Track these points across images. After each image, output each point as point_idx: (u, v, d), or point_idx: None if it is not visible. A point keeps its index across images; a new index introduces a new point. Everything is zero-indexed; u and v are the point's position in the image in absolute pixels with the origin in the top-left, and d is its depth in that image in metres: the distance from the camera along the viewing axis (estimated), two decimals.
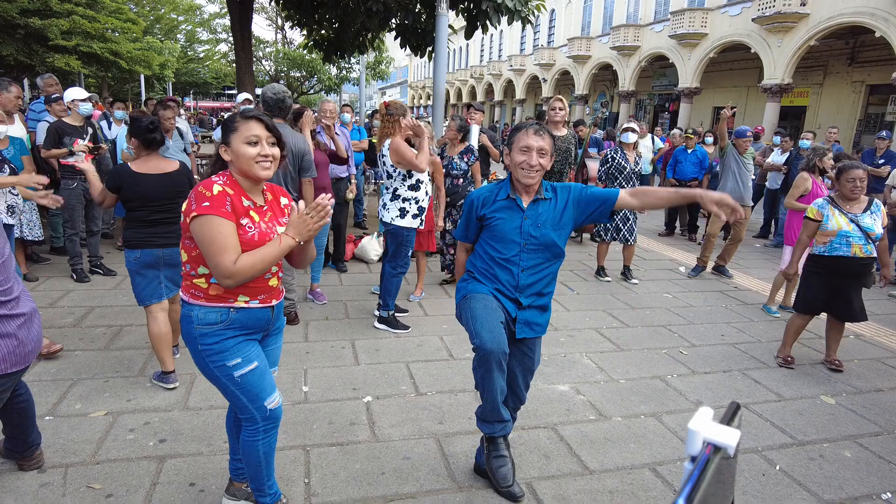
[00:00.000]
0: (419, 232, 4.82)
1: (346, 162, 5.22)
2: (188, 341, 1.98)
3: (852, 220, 3.82)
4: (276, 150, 1.93)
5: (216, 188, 1.84)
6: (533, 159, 2.24)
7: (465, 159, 5.19)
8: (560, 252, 2.37)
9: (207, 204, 1.80)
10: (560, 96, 5.41)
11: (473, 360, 2.27)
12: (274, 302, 2.06)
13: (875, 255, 3.83)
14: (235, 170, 1.93)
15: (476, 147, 5.64)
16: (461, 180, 5.23)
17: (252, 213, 1.91)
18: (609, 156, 5.82)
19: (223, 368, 1.94)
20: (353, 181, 6.24)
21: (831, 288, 3.90)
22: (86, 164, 3.19)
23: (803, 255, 4.11)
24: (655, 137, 10.95)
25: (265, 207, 1.99)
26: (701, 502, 0.46)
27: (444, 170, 5.29)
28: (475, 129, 5.78)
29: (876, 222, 3.81)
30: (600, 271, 6.09)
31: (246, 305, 1.95)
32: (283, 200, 2.12)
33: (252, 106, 5.79)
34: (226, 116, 2.01)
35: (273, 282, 2.04)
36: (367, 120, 10.70)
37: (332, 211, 1.92)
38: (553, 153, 2.29)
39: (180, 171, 3.28)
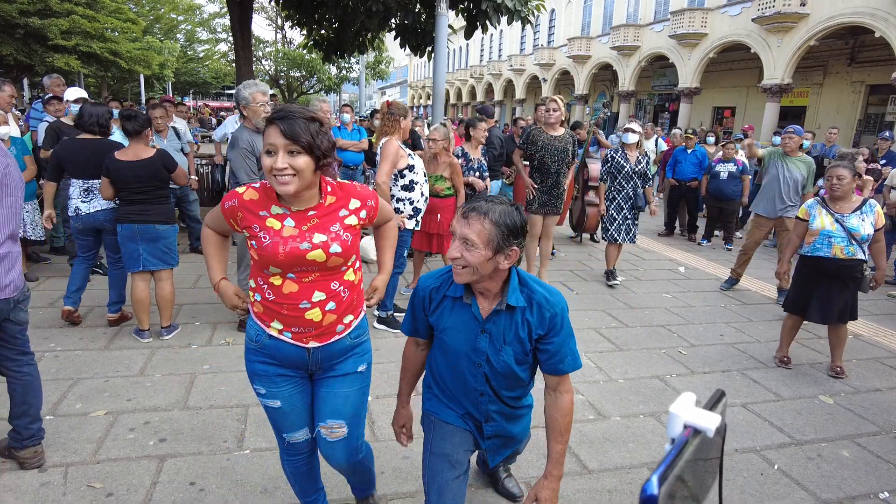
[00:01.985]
0: (435, 235, 4.84)
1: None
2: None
3: (837, 221, 3.80)
4: (299, 161, 1.56)
5: (240, 188, 1.74)
6: (453, 249, 1.62)
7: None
8: (527, 384, 1.86)
9: (229, 193, 1.77)
10: (555, 96, 5.34)
11: None
12: (312, 343, 1.75)
13: (860, 256, 3.76)
14: None
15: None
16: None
17: (273, 220, 1.66)
18: (609, 155, 5.81)
19: (254, 387, 1.85)
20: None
21: (814, 288, 3.90)
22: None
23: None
24: (659, 139, 10.96)
25: (312, 213, 1.68)
26: (675, 482, 0.46)
27: (477, 174, 5.34)
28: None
29: (864, 223, 3.75)
30: (610, 275, 5.92)
31: (278, 336, 1.73)
32: (354, 203, 1.76)
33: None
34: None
35: (313, 315, 1.71)
36: (364, 116, 10.71)
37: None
38: (498, 243, 1.59)
39: (155, 158, 3.74)
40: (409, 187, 4.17)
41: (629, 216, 5.80)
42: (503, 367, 1.74)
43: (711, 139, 9.85)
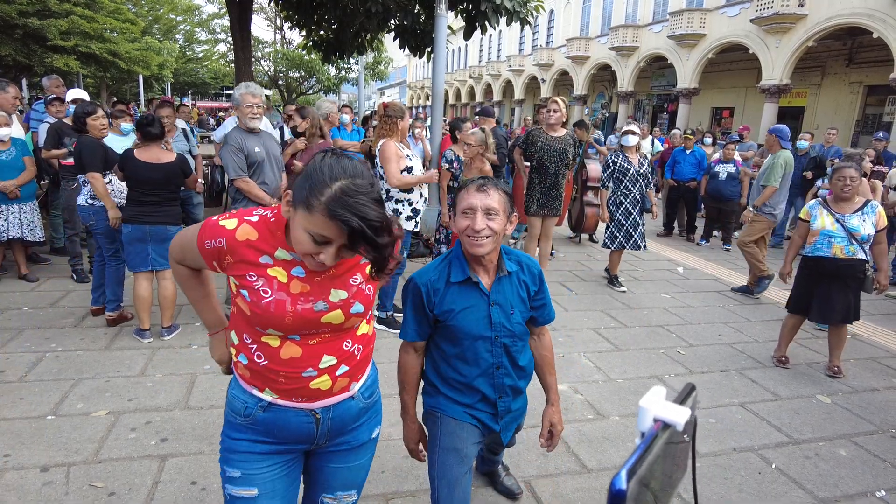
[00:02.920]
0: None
1: None
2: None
3: (838, 221, 3.82)
4: (348, 254, 1.24)
5: (230, 221, 1.33)
6: (478, 223, 1.69)
7: None
8: (528, 336, 1.94)
9: (214, 219, 1.36)
10: (557, 97, 5.32)
11: None
12: (320, 404, 1.41)
13: (860, 256, 3.78)
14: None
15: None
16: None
17: (279, 269, 1.31)
18: (611, 160, 5.66)
19: (223, 472, 1.43)
20: None
21: (815, 288, 3.92)
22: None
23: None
24: (655, 139, 10.98)
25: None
26: (644, 476, 0.46)
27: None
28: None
29: (864, 223, 3.78)
30: (614, 280, 5.88)
31: (274, 401, 1.38)
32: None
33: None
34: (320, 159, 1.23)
35: (321, 383, 1.38)
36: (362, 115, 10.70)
37: None
38: (508, 209, 1.75)
39: (175, 163, 3.81)
40: (408, 188, 4.19)
41: (639, 220, 5.64)
42: (519, 330, 1.84)
43: (709, 140, 9.88)
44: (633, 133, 5.64)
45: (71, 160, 5.01)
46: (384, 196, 4.23)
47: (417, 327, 1.83)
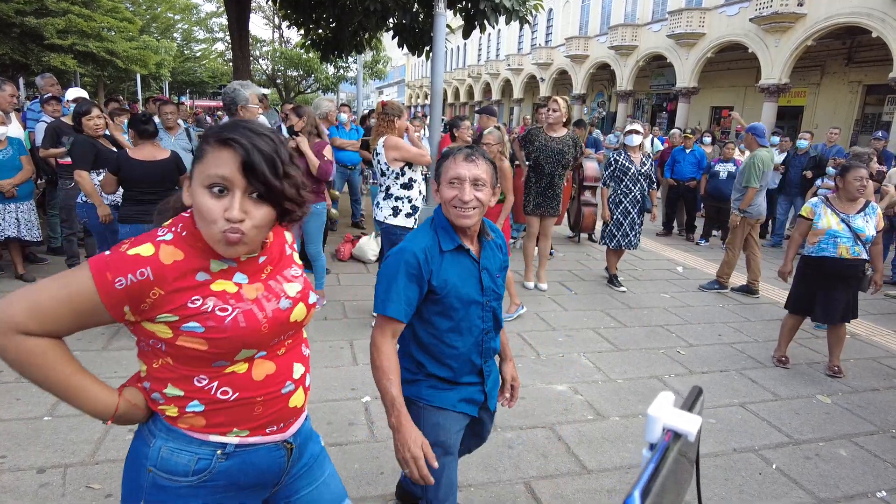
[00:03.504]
0: None
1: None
2: (126, 485, 1.18)
3: (843, 220, 3.81)
4: (260, 213, 1.08)
5: (143, 248, 1.07)
6: (466, 193, 1.64)
7: None
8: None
9: (107, 254, 1.07)
10: (558, 97, 5.29)
11: None
12: (292, 430, 1.26)
13: (863, 256, 3.80)
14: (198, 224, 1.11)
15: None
16: None
17: (222, 281, 1.12)
18: (612, 158, 5.63)
19: None
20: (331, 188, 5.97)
21: (818, 289, 3.91)
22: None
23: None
24: (655, 139, 10.97)
25: (261, 259, 1.19)
26: (658, 494, 0.43)
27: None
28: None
29: (868, 224, 3.79)
30: (614, 280, 5.86)
31: (242, 441, 1.17)
32: (288, 236, 1.32)
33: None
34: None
35: (297, 399, 1.25)
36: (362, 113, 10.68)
37: None
38: (494, 180, 1.72)
39: (169, 160, 3.83)
40: (407, 185, 4.17)
41: (637, 220, 5.63)
42: (502, 290, 1.88)
43: (707, 139, 9.88)
44: (637, 132, 5.60)
45: (68, 159, 5.00)
46: (384, 195, 4.21)
47: (406, 304, 1.64)
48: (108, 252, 1.08)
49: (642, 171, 5.53)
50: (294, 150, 4.31)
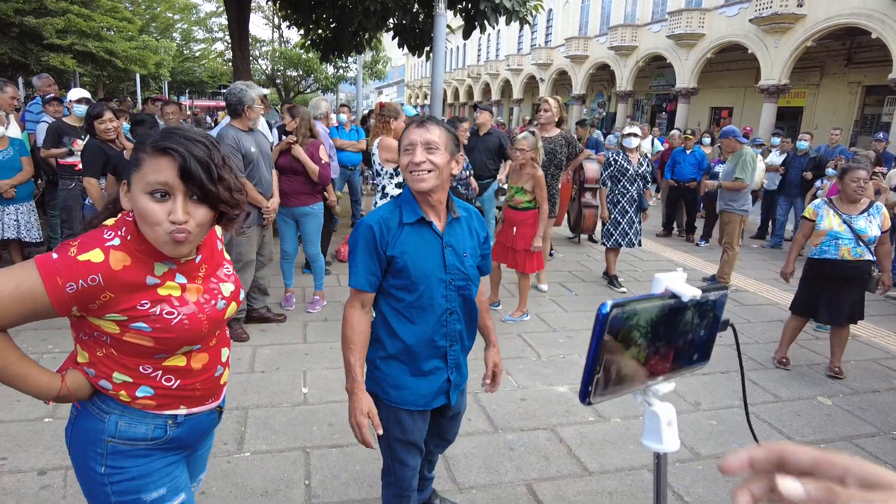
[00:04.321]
0: (510, 249, 4.60)
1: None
2: (80, 459, 1.30)
3: (845, 222, 3.80)
4: (201, 213, 1.18)
5: (93, 254, 1.13)
6: (418, 155, 1.68)
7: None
8: (479, 283, 1.94)
9: (55, 257, 1.12)
10: (550, 97, 5.31)
11: (388, 492, 1.96)
12: (222, 397, 1.46)
13: (867, 257, 3.79)
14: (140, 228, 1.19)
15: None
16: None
17: (168, 284, 1.22)
18: (611, 158, 5.68)
19: (144, 496, 1.31)
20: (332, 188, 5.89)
21: (822, 291, 3.90)
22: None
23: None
24: (655, 139, 10.97)
25: (197, 259, 1.30)
26: (630, 317, 0.48)
27: (467, 172, 5.25)
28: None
29: (871, 225, 3.78)
30: (614, 280, 5.87)
31: (189, 412, 1.35)
32: (218, 230, 1.44)
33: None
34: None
35: (225, 376, 1.44)
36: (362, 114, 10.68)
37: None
38: (452, 147, 1.74)
39: None
40: (402, 185, 4.18)
41: (634, 219, 5.68)
42: (472, 272, 1.84)
43: (707, 140, 9.88)
44: (635, 135, 5.66)
45: (69, 160, 4.99)
46: (381, 194, 4.22)
47: (368, 274, 1.73)
48: (54, 255, 1.13)
49: (639, 171, 5.61)
50: (291, 156, 4.33)
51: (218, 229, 1.44)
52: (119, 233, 1.19)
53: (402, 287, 1.74)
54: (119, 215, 1.25)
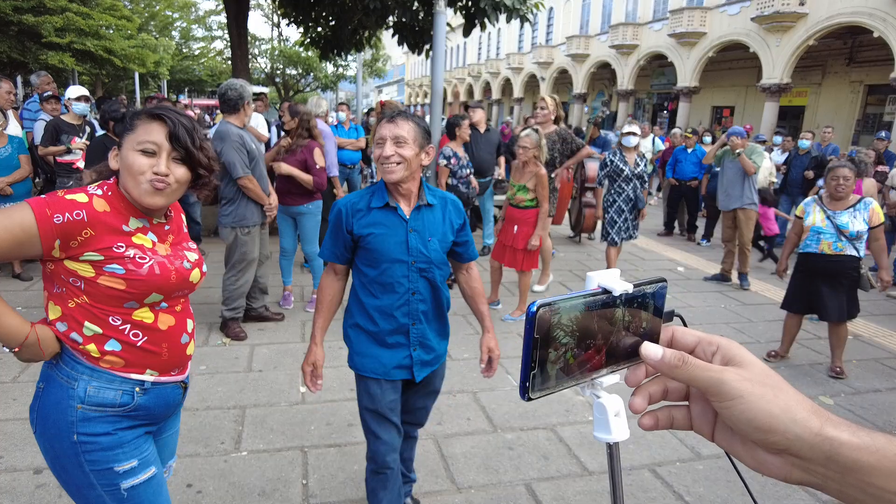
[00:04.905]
0: (509, 248, 4.58)
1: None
2: (50, 430, 1.33)
3: (828, 217, 3.81)
4: (180, 171, 1.36)
5: (78, 195, 1.28)
6: (387, 149, 1.82)
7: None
8: (448, 270, 2.05)
9: (43, 197, 1.26)
10: (547, 95, 5.33)
11: (368, 469, 2.07)
12: (187, 372, 1.54)
13: (849, 252, 3.77)
14: (123, 185, 1.36)
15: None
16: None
17: (141, 235, 1.36)
18: (608, 159, 5.69)
19: (106, 475, 1.34)
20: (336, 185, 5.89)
21: (808, 285, 3.90)
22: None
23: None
24: (656, 138, 10.93)
25: (167, 227, 1.45)
26: (560, 314, 0.50)
27: (467, 171, 5.21)
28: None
29: (855, 220, 3.76)
30: None
31: (156, 380, 1.41)
32: (183, 217, 1.60)
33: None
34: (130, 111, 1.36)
35: (190, 348, 1.52)
36: (364, 118, 10.66)
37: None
38: (422, 140, 1.87)
39: None
40: None
41: (629, 217, 5.72)
42: (437, 257, 1.94)
43: (708, 139, 9.84)
44: (634, 134, 5.63)
45: (67, 157, 4.97)
46: None
47: (333, 247, 1.95)
48: (44, 196, 1.26)
49: (636, 171, 5.62)
50: (287, 156, 4.29)
51: (183, 216, 1.59)
52: (102, 188, 1.35)
53: (368, 263, 1.92)
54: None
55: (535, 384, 0.52)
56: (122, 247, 1.30)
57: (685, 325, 0.61)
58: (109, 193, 1.34)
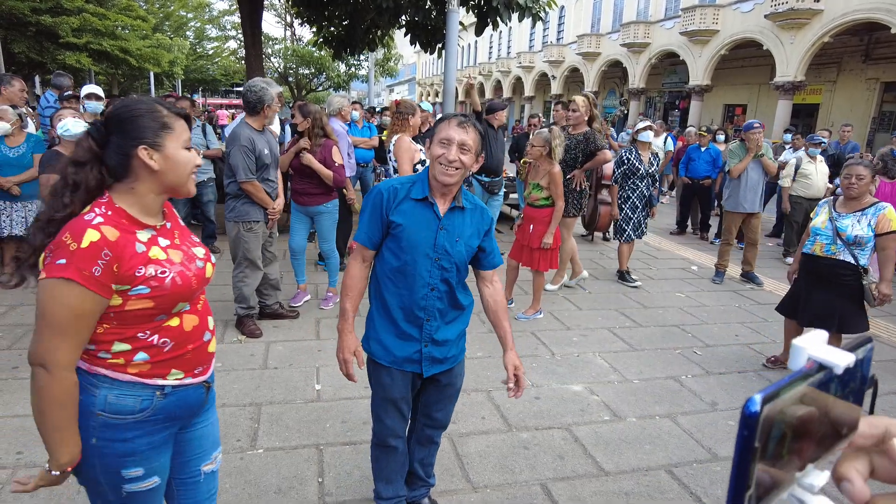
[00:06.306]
0: (526, 247, 4.57)
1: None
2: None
3: (831, 219, 3.66)
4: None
5: (89, 235, 1.24)
6: (452, 153, 1.86)
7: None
8: (466, 274, 2.05)
9: (64, 262, 1.22)
10: (577, 96, 5.30)
11: (372, 442, 2.16)
12: (210, 372, 1.54)
13: (841, 257, 3.56)
14: (140, 189, 1.36)
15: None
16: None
17: (155, 248, 1.36)
18: (624, 157, 5.70)
19: (114, 476, 1.39)
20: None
21: (802, 288, 3.81)
22: None
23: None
24: (668, 137, 10.84)
25: (168, 226, 1.46)
26: (782, 410, 0.40)
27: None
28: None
29: (858, 224, 3.54)
30: (626, 275, 5.85)
31: (178, 383, 1.43)
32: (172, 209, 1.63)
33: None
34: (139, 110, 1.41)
35: (213, 345, 1.54)
36: (377, 117, 10.67)
37: None
38: (478, 149, 1.93)
39: None
40: None
41: (643, 213, 5.79)
42: (459, 258, 1.95)
43: (721, 137, 9.75)
44: (651, 128, 5.70)
45: None
46: None
47: (369, 231, 1.95)
48: (58, 261, 1.23)
49: (649, 171, 5.69)
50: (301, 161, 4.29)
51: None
52: (98, 211, 1.31)
53: (394, 251, 1.93)
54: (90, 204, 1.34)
55: None
56: (143, 269, 1.31)
57: (876, 389, 0.50)
58: (110, 213, 1.31)
